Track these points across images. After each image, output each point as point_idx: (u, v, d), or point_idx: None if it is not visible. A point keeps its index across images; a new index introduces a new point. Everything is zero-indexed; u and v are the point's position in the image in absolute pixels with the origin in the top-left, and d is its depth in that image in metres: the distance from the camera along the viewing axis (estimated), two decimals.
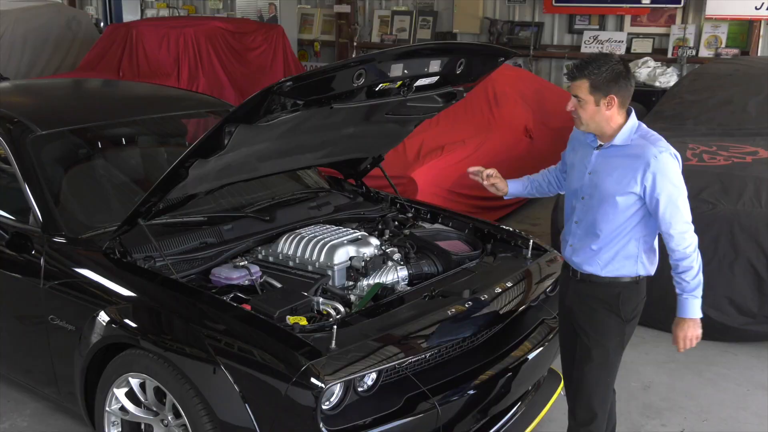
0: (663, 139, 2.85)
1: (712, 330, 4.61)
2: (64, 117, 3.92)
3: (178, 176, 2.98)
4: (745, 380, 4.29)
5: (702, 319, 2.64)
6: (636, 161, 2.78)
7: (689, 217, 2.82)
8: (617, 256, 2.89)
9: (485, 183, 3.24)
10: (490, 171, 3.24)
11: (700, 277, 2.86)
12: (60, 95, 4.66)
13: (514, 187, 3.29)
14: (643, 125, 2.89)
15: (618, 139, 2.84)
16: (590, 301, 2.96)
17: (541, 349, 3.34)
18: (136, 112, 4.22)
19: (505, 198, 3.33)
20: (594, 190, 2.89)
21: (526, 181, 3.31)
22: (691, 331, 2.89)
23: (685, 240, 2.80)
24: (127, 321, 2.95)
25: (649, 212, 2.84)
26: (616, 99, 2.77)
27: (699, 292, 2.86)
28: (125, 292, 3.04)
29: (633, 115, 2.86)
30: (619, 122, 2.83)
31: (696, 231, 2.85)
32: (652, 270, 2.96)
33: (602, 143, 2.89)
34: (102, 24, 12.51)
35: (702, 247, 4.41)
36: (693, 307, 2.86)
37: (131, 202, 3.29)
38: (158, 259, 3.19)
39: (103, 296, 3.07)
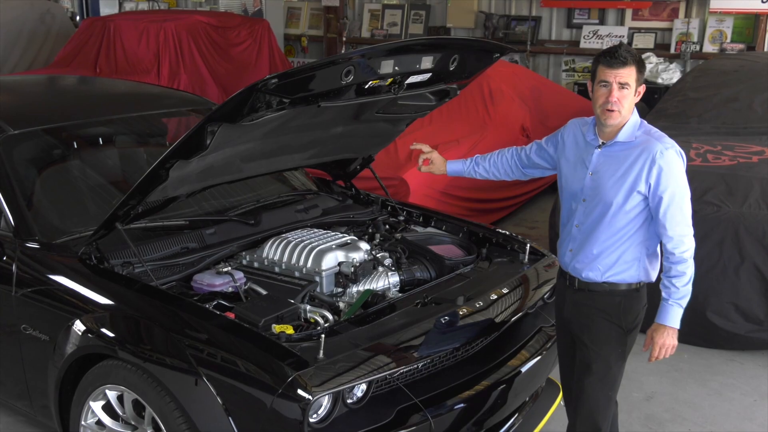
0: (666, 135, 2.87)
1: (717, 338, 4.64)
2: (37, 115, 3.91)
3: (158, 178, 2.97)
4: (751, 390, 4.31)
5: (706, 325, 2.66)
6: (640, 158, 2.80)
7: (690, 221, 2.84)
8: (619, 261, 2.90)
9: (421, 164, 3.44)
10: (427, 152, 3.41)
11: (690, 287, 2.86)
12: (33, 93, 4.65)
13: (453, 167, 3.41)
14: (645, 121, 2.92)
15: (622, 136, 2.85)
16: (589, 312, 2.97)
17: (538, 358, 3.34)
18: (114, 110, 4.21)
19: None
20: (596, 191, 2.90)
21: (470, 162, 3.39)
22: (669, 339, 2.89)
23: (683, 243, 2.81)
24: (104, 330, 2.94)
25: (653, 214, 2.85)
26: (644, 87, 2.83)
27: (685, 301, 2.87)
28: (102, 299, 3.03)
29: (635, 111, 2.88)
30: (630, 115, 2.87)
31: (700, 234, 2.87)
32: (653, 276, 2.97)
33: (604, 141, 2.90)
34: (78, 18, 12.48)
35: (706, 250, 4.49)
36: (675, 316, 2.87)
37: (109, 205, 3.28)
38: (137, 265, 3.18)
39: (78, 304, 3.06)
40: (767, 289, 4.48)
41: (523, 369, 3.24)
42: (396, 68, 3.08)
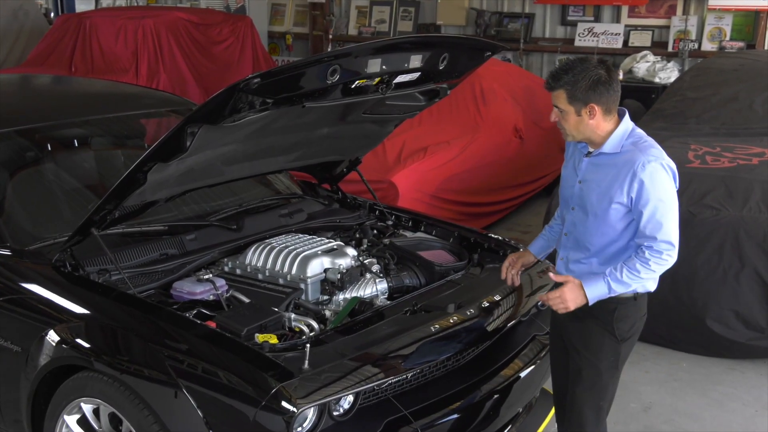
0: (657, 146, 2.86)
1: (717, 346, 4.66)
2: (9, 117, 3.89)
3: (136, 181, 2.97)
4: (752, 400, 4.33)
5: (705, 333, 2.67)
6: (623, 170, 2.80)
7: (675, 237, 2.79)
8: None
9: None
10: (513, 270, 3.27)
11: (633, 287, 2.83)
12: (5, 93, 4.63)
13: (538, 247, 3.29)
14: (638, 129, 2.91)
15: (607, 147, 2.87)
16: (584, 317, 2.97)
17: (532, 367, 3.35)
18: (90, 111, 4.20)
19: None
20: (583, 200, 2.92)
21: (547, 232, 3.29)
22: (570, 297, 2.83)
23: (660, 258, 2.78)
24: (79, 341, 2.93)
25: None
26: (597, 107, 2.80)
27: (618, 288, 2.81)
28: (77, 309, 3.02)
29: (626, 118, 2.89)
30: (607, 129, 2.85)
31: (699, 238, 2.85)
32: (652, 286, 2.97)
33: (591, 150, 2.93)
34: (52, 14, 12.44)
35: (705, 255, 4.51)
36: (597, 289, 2.82)
37: (84, 210, 3.26)
38: (114, 272, 3.17)
39: (52, 314, 3.05)
40: None
41: (517, 379, 3.25)
42: (383, 67, 3.08)
